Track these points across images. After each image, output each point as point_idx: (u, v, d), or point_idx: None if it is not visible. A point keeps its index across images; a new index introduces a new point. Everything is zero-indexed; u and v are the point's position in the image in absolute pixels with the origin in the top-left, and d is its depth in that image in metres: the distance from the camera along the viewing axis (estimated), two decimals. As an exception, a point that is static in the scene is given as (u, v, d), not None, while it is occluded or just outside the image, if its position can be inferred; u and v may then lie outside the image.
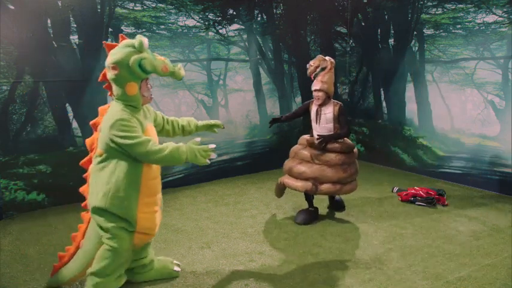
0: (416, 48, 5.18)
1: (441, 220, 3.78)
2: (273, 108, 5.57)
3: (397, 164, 5.53)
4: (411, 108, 5.34)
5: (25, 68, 3.95)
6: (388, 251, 3.20)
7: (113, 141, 2.35)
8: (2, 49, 3.79)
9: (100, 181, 2.46)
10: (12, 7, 3.80)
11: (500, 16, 4.33)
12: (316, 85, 3.54)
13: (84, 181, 2.67)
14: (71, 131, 4.24)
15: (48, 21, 3.99)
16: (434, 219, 3.82)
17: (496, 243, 3.28)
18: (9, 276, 2.88)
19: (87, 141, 2.63)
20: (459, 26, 4.72)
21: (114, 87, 2.44)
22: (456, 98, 4.86)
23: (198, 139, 2.53)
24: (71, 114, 4.22)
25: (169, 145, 2.39)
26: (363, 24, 5.87)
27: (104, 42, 2.55)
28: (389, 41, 5.49)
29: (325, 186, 3.53)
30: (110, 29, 4.31)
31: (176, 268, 2.88)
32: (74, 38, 4.14)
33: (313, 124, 3.67)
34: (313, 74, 3.60)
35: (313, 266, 2.97)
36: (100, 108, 2.56)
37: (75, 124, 4.25)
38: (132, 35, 4.41)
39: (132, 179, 2.42)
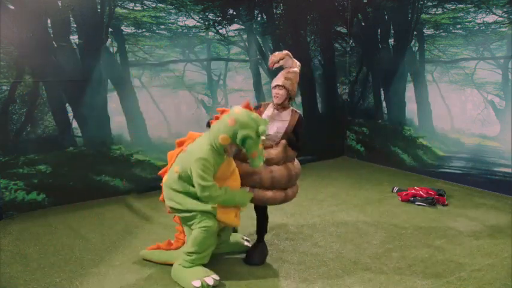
0: (416, 48, 5.18)
1: (441, 220, 3.78)
2: (273, 108, 5.56)
3: (397, 164, 5.53)
4: (411, 108, 5.34)
5: (25, 68, 3.95)
6: (388, 251, 3.20)
7: (190, 171, 2.71)
8: (2, 49, 3.79)
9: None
10: (12, 7, 3.80)
11: (500, 16, 4.33)
12: (277, 81, 2.95)
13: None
14: (71, 131, 4.24)
15: (48, 21, 3.99)
16: (434, 219, 3.82)
17: (496, 243, 3.28)
18: (9, 276, 2.88)
19: (169, 154, 3.02)
20: (459, 26, 4.72)
21: (219, 126, 2.68)
22: (456, 98, 4.86)
23: (247, 189, 2.89)
24: (70, 114, 4.22)
25: (227, 190, 2.74)
26: (363, 24, 5.87)
27: (247, 102, 2.72)
28: (389, 41, 5.49)
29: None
30: (110, 29, 4.31)
31: (246, 243, 3.20)
32: (74, 38, 4.14)
33: None
34: (273, 66, 3.02)
35: (313, 266, 2.97)
36: (191, 133, 2.93)
37: (75, 124, 4.25)
38: (132, 35, 4.43)
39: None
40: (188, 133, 2.96)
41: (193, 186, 2.75)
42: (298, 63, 3.05)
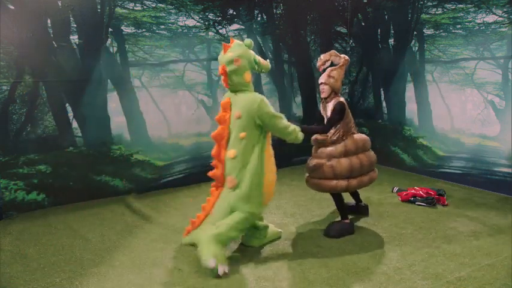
0: (416, 48, 5.18)
1: (441, 220, 3.78)
2: (273, 108, 5.55)
3: (397, 164, 5.53)
4: (411, 108, 5.33)
5: (25, 68, 3.95)
6: (388, 251, 3.20)
7: (260, 118, 2.94)
8: (2, 49, 3.79)
9: (246, 162, 2.97)
10: (12, 7, 3.80)
11: (500, 16, 4.33)
12: (321, 78, 3.50)
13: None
14: (71, 131, 4.24)
15: (48, 21, 4.00)
16: (434, 219, 3.81)
17: (496, 243, 3.28)
18: (9, 276, 2.88)
19: (214, 134, 3.06)
20: (459, 26, 4.72)
21: (234, 77, 2.97)
22: (456, 98, 4.86)
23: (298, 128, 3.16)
24: (70, 114, 4.22)
25: (291, 124, 3.07)
26: (363, 24, 5.87)
27: (223, 43, 3.03)
28: (390, 41, 5.49)
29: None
30: (110, 29, 4.32)
31: (279, 230, 3.40)
32: (74, 38, 4.14)
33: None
34: (322, 68, 3.56)
35: (313, 266, 2.97)
36: (222, 103, 3.05)
37: (75, 124, 4.25)
38: (132, 35, 4.43)
39: (263, 155, 2.98)
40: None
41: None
42: (344, 57, 3.48)
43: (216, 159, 3.11)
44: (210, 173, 3.19)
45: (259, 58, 3.09)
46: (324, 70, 3.53)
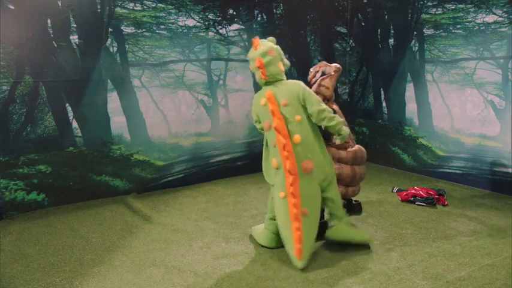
0: (416, 48, 5.18)
1: (441, 220, 3.78)
2: (273, 108, 5.55)
3: (397, 164, 5.53)
4: (411, 108, 5.33)
5: (25, 68, 3.95)
6: (388, 251, 3.20)
7: (304, 100, 3.04)
8: (2, 49, 3.79)
9: (313, 140, 3.06)
10: (12, 7, 3.80)
11: (500, 16, 4.33)
12: (312, 88, 3.55)
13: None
14: (71, 131, 4.24)
15: (48, 21, 4.00)
16: (434, 219, 3.82)
17: (496, 243, 3.28)
18: (9, 276, 2.88)
19: (276, 126, 2.99)
20: (459, 26, 4.72)
21: (271, 68, 3.05)
22: (456, 98, 4.86)
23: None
24: (70, 114, 4.22)
25: (336, 116, 3.10)
26: (363, 24, 5.87)
27: (253, 40, 3.17)
28: (390, 41, 5.49)
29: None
30: (110, 29, 4.32)
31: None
32: (74, 38, 4.14)
33: None
34: (313, 80, 3.62)
35: (313, 266, 2.97)
36: (268, 94, 3.06)
37: (75, 124, 4.25)
38: (132, 35, 4.44)
39: (317, 128, 3.14)
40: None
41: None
42: (335, 66, 3.55)
43: (287, 152, 2.96)
44: (288, 171, 2.97)
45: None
46: (315, 81, 3.60)
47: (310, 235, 3.00)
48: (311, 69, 3.66)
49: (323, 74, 3.60)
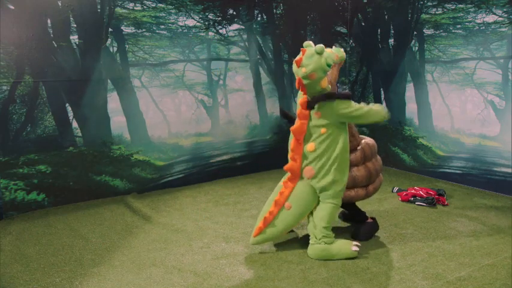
0: (416, 48, 5.18)
1: (441, 220, 3.78)
2: (273, 108, 5.57)
3: (397, 164, 5.53)
4: (411, 108, 5.33)
5: (25, 68, 3.95)
6: (388, 251, 3.20)
7: (341, 118, 3.06)
8: (2, 49, 3.79)
9: (326, 153, 3.03)
10: (12, 7, 3.80)
11: (500, 16, 4.33)
12: None
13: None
14: (71, 131, 4.24)
15: (48, 21, 4.00)
16: (434, 219, 3.82)
17: (496, 243, 3.28)
18: (9, 276, 2.88)
19: (294, 128, 3.09)
20: (459, 26, 4.72)
21: (311, 89, 3.00)
22: (456, 98, 4.86)
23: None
24: (70, 114, 4.22)
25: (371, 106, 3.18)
26: (363, 24, 5.86)
27: (302, 49, 2.99)
28: (390, 41, 5.49)
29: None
30: (110, 29, 4.32)
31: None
32: (74, 38, 4.14)
33: None
34: None
35: (313, 266, 2.97)
36: (301, 101, 3.06)
37: (75, 124, 4.25)
38: (132, 35, 4.44)
39: (346, 147, 3.08)
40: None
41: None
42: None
43: (293, 153, 3.12)
44: (286, 167, 3.15)
45: (332, 54, 3.01)
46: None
47: (279, 227, 3.13)
48: None
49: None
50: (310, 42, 3.01)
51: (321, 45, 2.92)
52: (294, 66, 2.99)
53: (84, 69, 4.22)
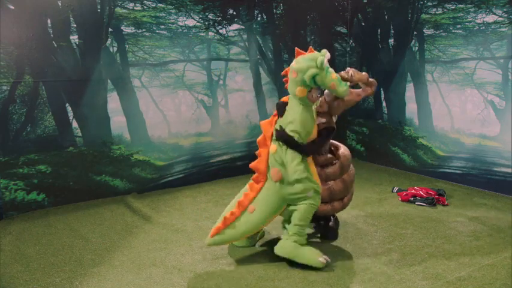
0: (416, 48, 5.18)
1: (441, 220, 3.78)
2: (273, 108, 5.55)
3: (397, 164, 5.53)
4: (411, 108, 5.33)
5: (25, 68, 3.95)
6: (388, 251, 3.20)
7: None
8: (2, 49, 3.79)
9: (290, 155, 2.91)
10: (12, 7, 3.80)
11: (500, 16, 4.33)
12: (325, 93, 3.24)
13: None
14: (71, 131, 4.24)
15: (48, 21, 4.00)
16: (434, 219, 3.82)
17: (496, 243, 3.28)
18: (9, 276, 2.88)
19: (263, 122, 3.10)
20: (459, 26, 4.72)
21: (290, 85, 2.89)
22: (456, 98, 4.86)
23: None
24: (70, 114, 4.22)
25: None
26: (363, 24, 5.86)
27: (296, 48, 2.92)
28: (390, 41, 5.49)
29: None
30: (110, 29, 4.32)
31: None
32: (74, 38, 4.14)
33: None
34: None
35: (313, 266, 2.97)
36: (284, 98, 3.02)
37: (75, 124, 4.25)
38: (132, 35, 4.44)
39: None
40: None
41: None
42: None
43: (260, 149, 3.05)
44: (252, 164, 3.08)
45: (327, 80, 2.78)
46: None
47: (239, 230, 3.01)
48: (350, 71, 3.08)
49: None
50: (328, 54, 2.83)
51: (326, 61, 2.77)
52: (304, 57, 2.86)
53: (84, 69, 4.22)
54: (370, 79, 3.20)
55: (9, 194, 3.96)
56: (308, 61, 2.79)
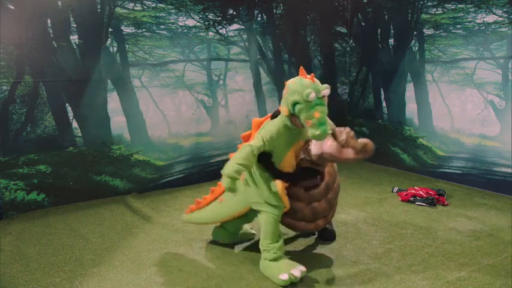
0: (416, 48, 5.18)
1: (441, 220, 3.78)
2: (273, 108, 5.53)
3: (397, 164, 5.53)
4: (411, 108, 5.33)
5: (25, 68, 3.95)
6: (388, 251, 3.20)
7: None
8: (2, 49, 3.79)
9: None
10: (12, 7, 3.80)
11: (500, 16, 4.33)
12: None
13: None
14: (71, 131, 4.24)
15: (48, 21, 4.00)
16: (434, 219, 3.82)
17: (496, 243, 3.28)
18: (9, 276, 2.88)
19: (255, 120, 2.93)
20: (459, 26, 4.72)
21: (282, 99, 2.71)
22: (456, 98, 4.86)
23: None
24: (71, 114, 4.22)
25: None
26: (363, 24, 5.87)
27: (301, 68, 2.71)
28: (390, 41, 5.49)
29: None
30: (110, 29, 4.32)
31: (253, 231, 3.13)
32: (74, 38, 4.14)
33: None
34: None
35: (313, 266, 2.97)
36: (255, 121, 2.92)
37: (75, 124, 4.25)
38: (132, 35, 4.44)
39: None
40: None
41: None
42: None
43: (244, 142, 2.92)
44: (230, 156, 2.91)
45: (307, 115, 2.53)
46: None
47: (205, 216, 3.19)
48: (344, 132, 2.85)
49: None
50: (327, 90, 2.61)
51: (313, 97, 2.49)
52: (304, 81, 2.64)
53: (84, 69, 4.22)
54: (367, 147, 2.87)
55: (9, 194, 3.96)
56: (300, 86, 2.56)
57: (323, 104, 2.58)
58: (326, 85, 2.61)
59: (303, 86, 2.55)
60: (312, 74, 2.65)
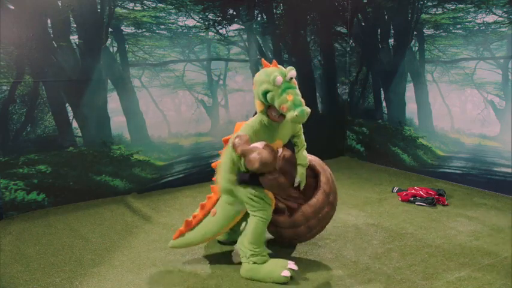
0: (416, 48, 5.18)
1: (441, 220, 3.79)
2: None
3: (397, 164, 5.53)
4: (411, 108, 5.34)
5: (25, 68, 3.95)
6: (388, 251, 3.20)
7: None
8: (2, 49, 3.79)
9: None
10: (12, 7, 3.80)
11: (500, 16, 4.33)
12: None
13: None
14: (71, 131, 4.24)
15: (48, 21, 4.00)
16: (434, 219, 3.82)
17: (496, 243, 3.28)
18: (9, 276, 2.88)
19: (238, 124, 3.03)
20: (459, 26, 4.72)
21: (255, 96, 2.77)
22: (456, 98, 4.86)
23: None
24: (71, 114, 4.22)
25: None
26: (363, 24, 5.87)
27: (262, 59, 2.77)
28: (390, 41, 5.49)
29: None
30: (110, 29, 4.32)
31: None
32: (74, 38, 4.14)
33: None
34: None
35: (313, 266, 2.97)
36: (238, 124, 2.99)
37: (75, 124, 4.25)
38: (132, 35, 4.44)
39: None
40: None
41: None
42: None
43: (225, 147, 2.96)
44: (213, 164, 3.03)
45: (280, 100, 2.55)
46: None
47: (200, 233, 2.96)
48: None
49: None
50: (292, 72, 2.61)
51: (278, 79, 2.52)
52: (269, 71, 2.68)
53: (84, 69, 4.22)
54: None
55: (9, 194, 3.96)
56: (264, 75, 2.60)
57: (293, 87, 2.60)
58: (290, 67, 2.63)
59: (268, 74, 2.60)
60: (274, 61, 2.71)
